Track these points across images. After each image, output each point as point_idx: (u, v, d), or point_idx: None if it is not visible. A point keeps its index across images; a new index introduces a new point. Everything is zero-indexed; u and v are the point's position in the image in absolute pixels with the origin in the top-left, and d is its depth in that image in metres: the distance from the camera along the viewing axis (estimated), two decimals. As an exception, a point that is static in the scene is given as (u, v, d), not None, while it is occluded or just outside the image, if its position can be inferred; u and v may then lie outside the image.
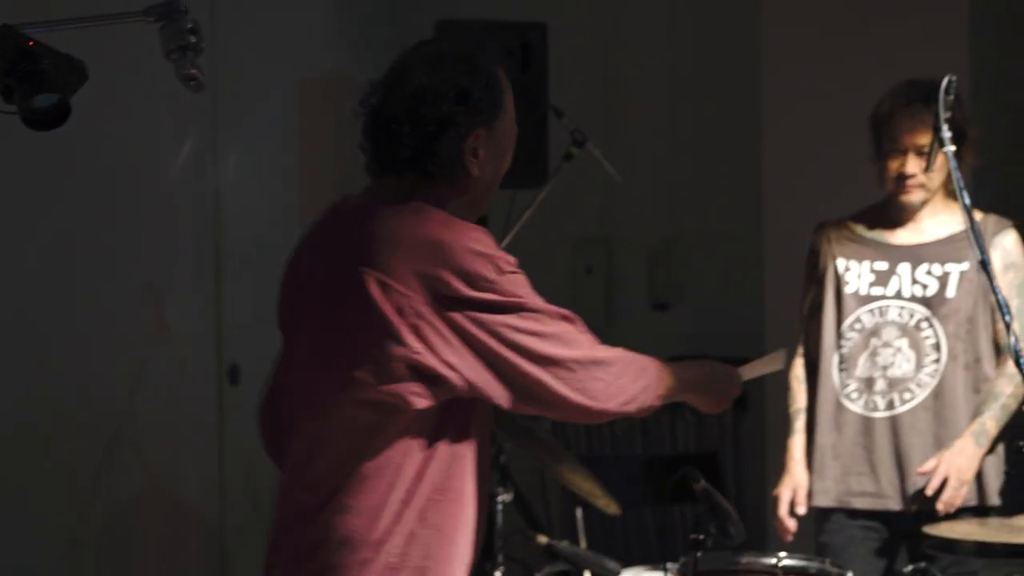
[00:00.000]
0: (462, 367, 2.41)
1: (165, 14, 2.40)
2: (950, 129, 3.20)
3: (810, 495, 3.90)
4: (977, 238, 3.11)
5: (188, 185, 5.27)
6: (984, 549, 3.25)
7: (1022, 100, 5.20)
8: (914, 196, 3.81)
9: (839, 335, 3.88)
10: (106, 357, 4.98)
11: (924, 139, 3.69)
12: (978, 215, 3.77)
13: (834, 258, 3.93)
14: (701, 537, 3.10)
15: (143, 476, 5.15)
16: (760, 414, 5.38)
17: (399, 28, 5.98)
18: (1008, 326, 2.96)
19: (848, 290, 3.88)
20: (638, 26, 5.75)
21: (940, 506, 3.67)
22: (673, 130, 5.72)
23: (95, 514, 5.00)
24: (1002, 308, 3.05)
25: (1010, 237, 3.82)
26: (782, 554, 3.25)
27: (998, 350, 3.79)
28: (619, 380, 2.59)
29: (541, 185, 4.95)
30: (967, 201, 3.14)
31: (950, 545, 3.37)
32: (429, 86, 2.45)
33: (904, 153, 3.79)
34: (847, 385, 3.85)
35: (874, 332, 3.84)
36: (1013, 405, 3.72)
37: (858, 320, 3.86)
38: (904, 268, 3.84)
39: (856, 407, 3.85)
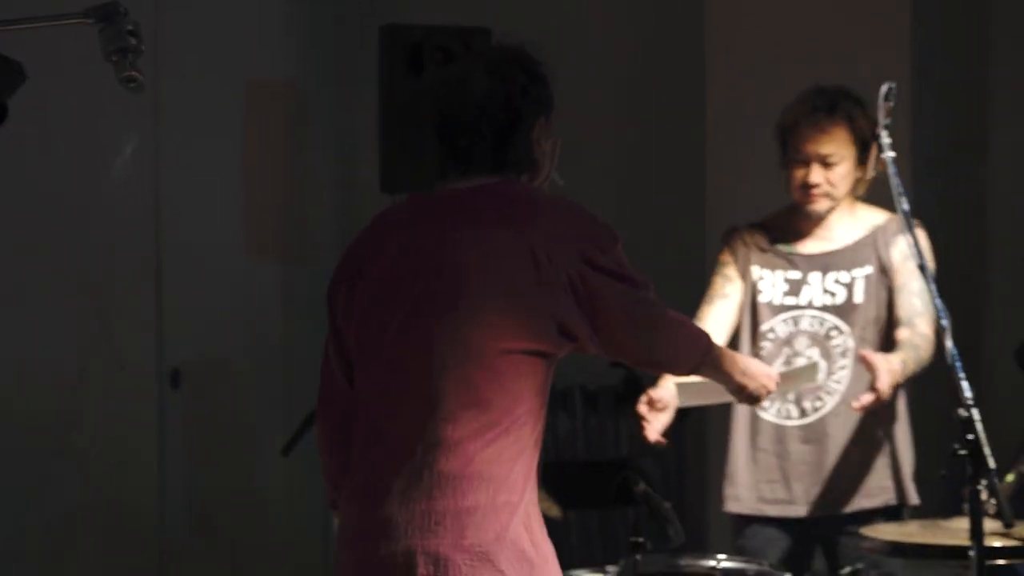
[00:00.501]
0: (586, 324, 2.61)
1: (105, 16, 2.38)
2: (871, 136, 3.23)
3: (723, 500, 3.95)
4: (917, 246, 3.14)
5: (130, 186, 5.24)
6: (904, 550, 3.27)
7: (963, 105, 5.25)
8: (819, 205, 3.84)
9: (753, 343, 3.89)
10: (45, 360, 4.94)
11: (827, 148, 3.77)
12: (884, 215, 3.84)
13: (749, 264, 3.94)
14: (640, 540, 3.11)
15: (82, 480, 5.12)
16: (702, 417, 5.40)
17: (345, 31, 5.97)
18: (944, 329, 2.99)
19: (762, 299, 3.91)
20: (580, 31, 5.76)
21: (868, 397, 3.58)
22: (615, 134, 5.73)
23: (32, 522, 4.96)
24: (939, 312, 3.10)
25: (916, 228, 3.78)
26: (721, 556, 3.27)
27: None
28: (680, 342, 2.82)
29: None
30: (906, 207, 3.17)
31: (872, 546, 3.38)
32: (497, 88, 2.65)
33: (807, 163, 3.82)
34: None
35: (787, 342, 3.87)
36: (924, 353, 3.72)
37: (772, 329, 3.89)
38: (815, 277, 3.88)
39: (769, 415, 3.88)
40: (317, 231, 5.92)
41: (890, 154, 3.26)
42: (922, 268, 3.13)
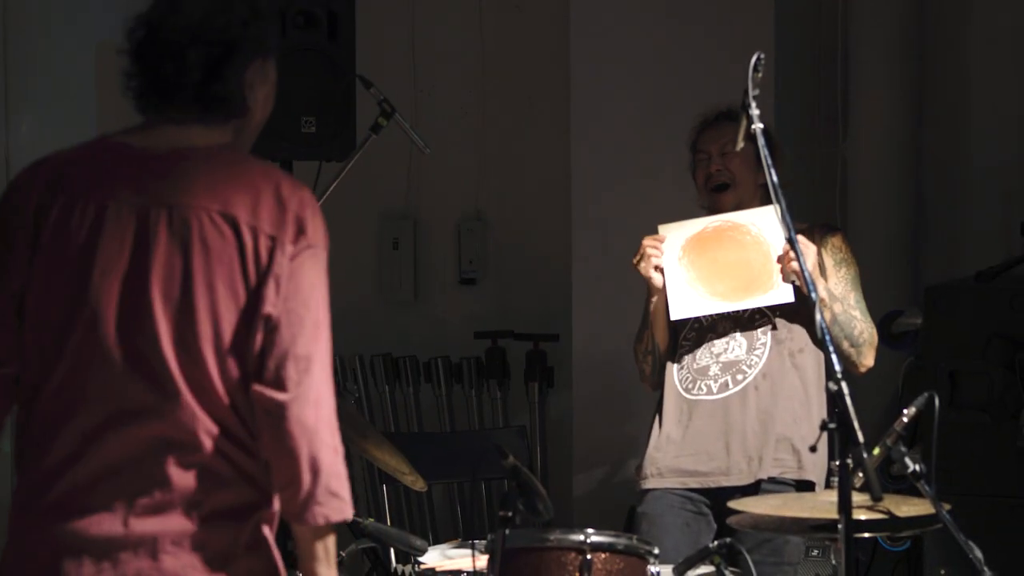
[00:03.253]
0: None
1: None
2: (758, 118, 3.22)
3: (641, 479, 4.07)
4: (784, 214, 3.13)
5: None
6: (783, 524, 3.27)
7: (826, 86, 5.28)
8: (724, 196, 4.06)
9: (684, 324, 4.08)
10: None
11: (722, 140, 4.06)
12: (802, 225, 4.00)
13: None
14: (509, 514, 3.07)
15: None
16: (568, 390, 5.38)
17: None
18: (814, 303, 2.98)
19: None
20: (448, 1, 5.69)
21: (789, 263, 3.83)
22: (481, 104, 5.67)
23: None
24: (808, 285, 3.10)
25: (837, 236, 4.09)
26: (590, 530, 3.24)
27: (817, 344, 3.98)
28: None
29: (347, 157, 4.88)
30: (775, 179, 3.14)
31: (740, 520, 3.39)
32: (212, 10, 2.38)
33: (709, 157, 4.11)
34: (685, 375, 4.06)
35: (711, 327, 4.07)
36: (855, 324, 3.96)
37: (697, 320, 4.08)
38: None
39: (691, 394, 4.05)
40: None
41: (758, 125, 3.23)
42: (791, 240, 3.11)
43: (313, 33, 4.86)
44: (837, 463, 3.28)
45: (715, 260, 3.99)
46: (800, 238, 3.77)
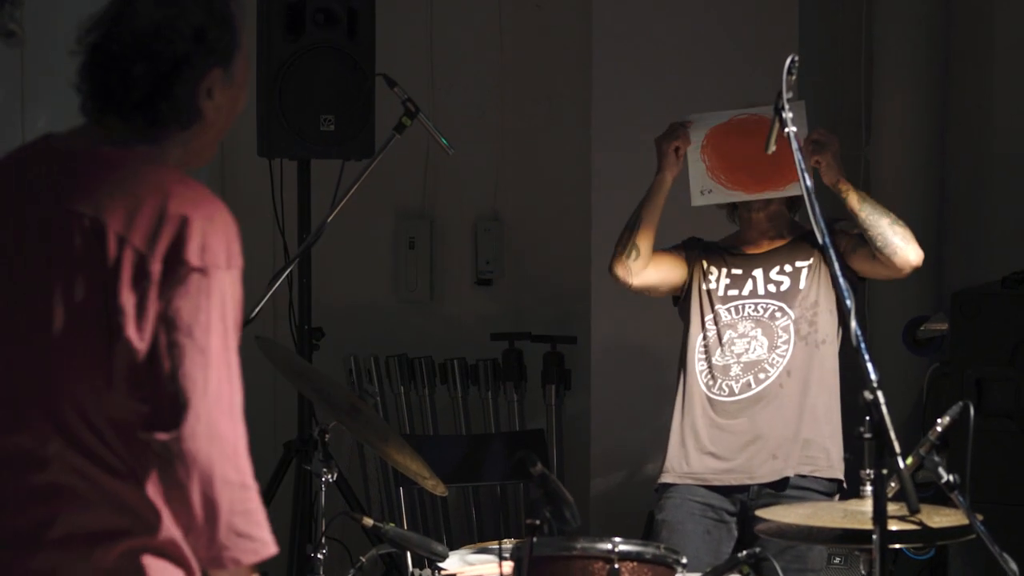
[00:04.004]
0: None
1: (-21, -37, 2.20)
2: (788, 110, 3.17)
3: (662, 473, 4.10)
4: (817, 219, 3.08)
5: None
6: (811, 534, 3.22)
7: (849, 88, 5.24)
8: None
9: (703, 325, 4.09)
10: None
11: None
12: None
13: (699, 257, 4.19)
14: (537, 522, 3.01)
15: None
16: (585, 393, 5.33)
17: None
18: (849, 310, 2.93)
19: (708, 286, 4.13)
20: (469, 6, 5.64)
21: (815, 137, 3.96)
22: (499, 103, 5.62)
23: None
24: (842, 291, 3.06)
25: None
26: (617, 539, 3.19)
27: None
28: None
29: (367, 156, 4.83)
30: (808, 184, 3.09)
31: (769, 529, 3.35)
32: (163, 22, 2.23)
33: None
34: (705, 372, 4.06)
35: (731, 325, 4.07)
36: (887, 221, 3.98)
37: (716, 315, 4.08)
38: (758, 272, 4.12)
39: (712, 392, 4.05)
40: (190, 197, 5.73)
41: (792, 129, 3.18)
42: (824, 247, 3.06)
43: (333, 31, 4.83)
44: (868, 471, 3.25)
45: (737, 150, 4.03)
46: (822, 131, 3.99)
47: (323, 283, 5.05)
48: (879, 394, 2.84)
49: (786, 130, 3.17)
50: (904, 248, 3.97)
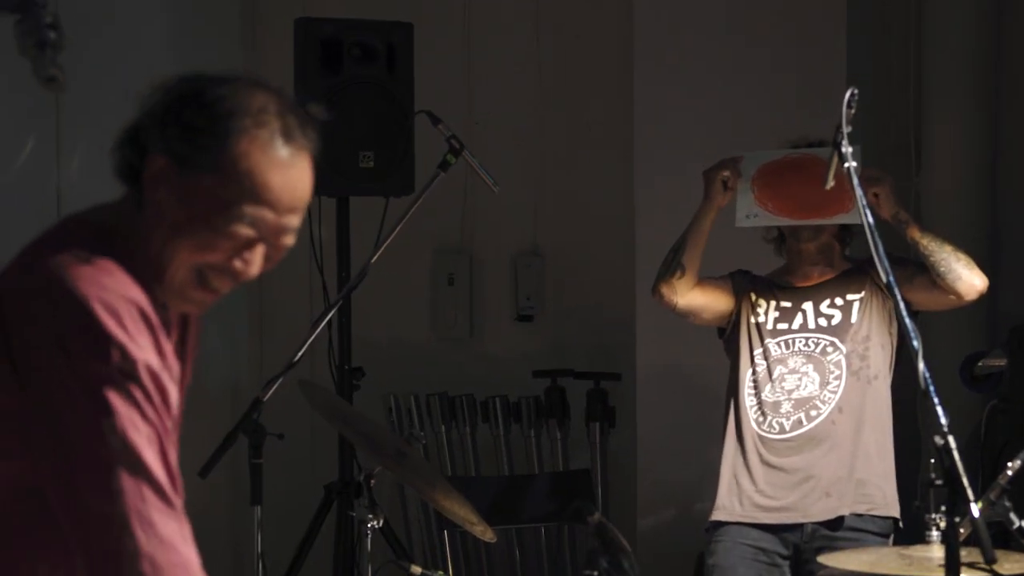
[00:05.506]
0: None
1: (21, 6, 2.13)
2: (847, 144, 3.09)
3: (713, 511, 4.03)
4: (880, 257, 2.98)
5: (28, 186, 4.95)
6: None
7: (898, 117, 5.14)
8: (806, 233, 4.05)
9: (751, 360, 4.02)
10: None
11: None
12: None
13: (748, 290, 4.11)
14: (595, 573, 2.91)
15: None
16: (630, 430, 5.23)
17: (255, 26, 5.72)
18: (916, 351, 2.83)
19: (757, 320, 4.06)
20: (505, 30, 5.56)
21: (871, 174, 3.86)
22: (538, 135, 5.54)
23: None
24: (910, 333, 2.95)
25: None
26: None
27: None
28: None
29: (407, 192, 4.75)
30: (870, 220, 3.00)
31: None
32: (156, 87, 2.03)
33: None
34: (756, 408, 3.99)
35: (781, 360, 3.99)
36: (949, 248, 3.91)
37: (766, 349, 4.02)
38: (808, 305, 4.04)
39: (762, 429, 3.98)
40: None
41: (852, 164, 3.09)
42: (890, 285, 2.96)
43: (371, 66, 4.76)
44: (935, 516, 3.15)
45: (787, 182, 3.97)
46: (874, 169, 3.91)
47: (362, 321, 4.97)
48: (950, 439, 2.75)
49: (846, 165, 3.08)
50: (968, 274, 3.89)
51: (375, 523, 3.66)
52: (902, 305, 2.95)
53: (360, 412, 3.90)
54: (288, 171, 1.98)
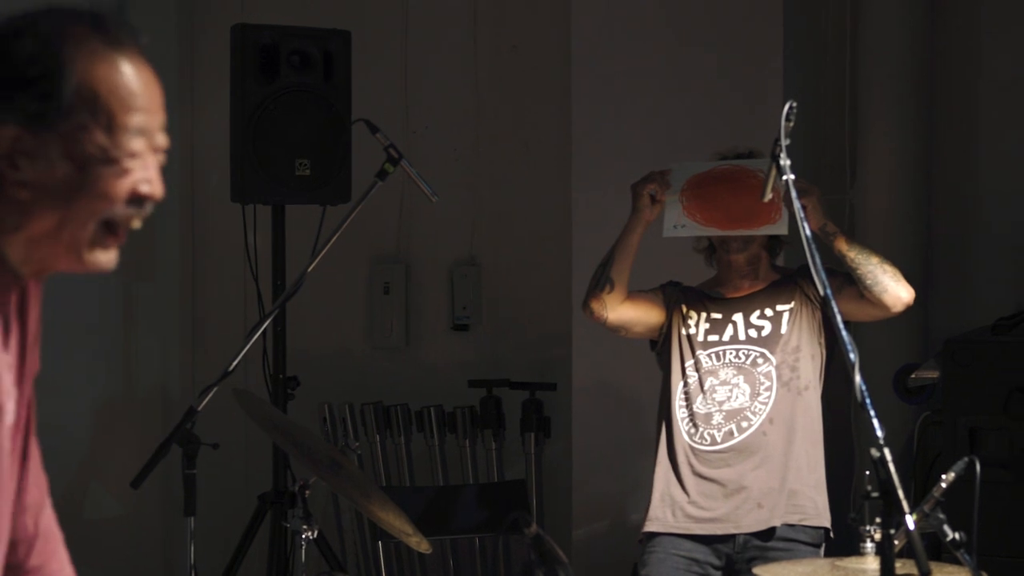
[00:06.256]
0: None
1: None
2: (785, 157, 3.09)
3: (646, 522, 4.02)
4: (817, 269, 2.99)
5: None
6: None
7: (832, 132, 5.17)
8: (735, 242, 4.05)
9: (683, 372, 4.02)
10: None
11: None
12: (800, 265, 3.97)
13: (679, 301, 4.11)
14: (532, 586, 2.91)
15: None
16: (565, 441, 5.23)
17: (190, 33, 5.68)
18: (853, 364, 2.83)
19: (688, 332, 4.05)
20: (443, 39, 5.55)
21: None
22: (475, 145, 5.53)
23: None
24: (847, 345, 2.95)
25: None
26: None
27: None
28: None
29: (344, 201, 4.73)
30: (807, 232, 3.00)
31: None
32: None
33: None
34: (685, 419, 3.99)
35: (712, 372, 3.99)
36: (876, 260, 3.91)
37: (697, 361, 4.01)
38: (738, 316, 4.04)
39: (694, 441, 3.97)
40: (162, 244, 5.61)
41: (789, 176, 3.09)
42: (826, 299, 2.97)
43: (308, 74, 4.73)
44: (869, 528, 3.17)
45: (715, 193, 3.97)
46: (801, 180, 3.76)
47: (297, 330, 4.94)
48: (886, 451, 2.75)
49: (784, 177, 3.09)
50: (895, 286, 3.90)
51: (309, 534, 3.63)
52: (839, 317, 2.95)
53: (295, 422, 3.87)
54: (139, 73, 1.83)
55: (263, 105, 4.69)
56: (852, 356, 2.87)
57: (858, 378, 2.84)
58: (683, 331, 4.05)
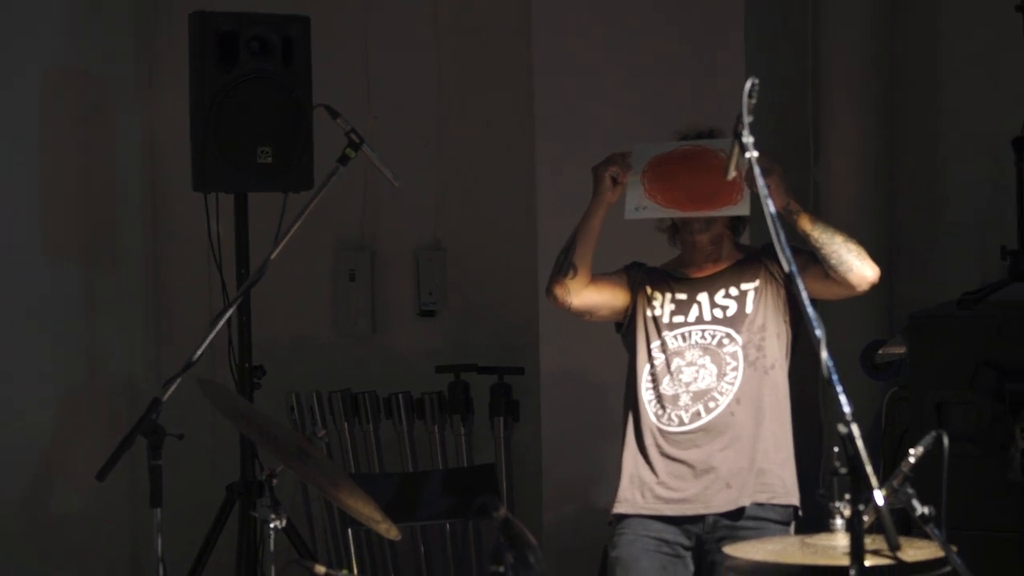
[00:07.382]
0: None
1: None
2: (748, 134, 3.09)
3: (615, 504, 4.00)
4: (783, 246, 2.99)
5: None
6: (786, 571, 3.13)
7: (796, 111, 5.17)
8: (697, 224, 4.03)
9: (649, 353, 4.00)
10: None
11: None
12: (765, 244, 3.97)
13: (644, 283, 4.08)
14: (501, 570, 2.90)
15: None
16: (534, 425, 5.22)
17: (150, 19, 5.64)
18: (819, 340, 2.83)
19: (653, 313, 4.04)
20: (404, 23, 5.52)
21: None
22: (439, 130, 5.51)
23: None
24: (812, 322, 2.95)
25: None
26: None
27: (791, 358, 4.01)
28: None
29: (307, 188, 4.71)
30: (772, 210, 3.00)
31: (737, 566, 3.26)
32: None
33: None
34: (652, 401, 3.97)
35: (678, 353, 3.98)
36: (840, 239, 3.87)
37: (663, 343, 3.99)
38: (703, 296, 4.02)
39: (662, 422, 3.96)
40: (123, 233, 5.57)
41: (753, 154, 3.08)
42: (791, 276, 2.97)
43: (268, 60, 4.71)
44: (838, 504, 3.16)
45: (676, 173, 3.95)
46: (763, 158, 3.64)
47: (262, 319, 4.91)
48: (854, 427, 2.75)
49: (747, 155, 3.08)
50: (860, 265, 3.89)
51: (278, 523, 3.62)
52: (805, 295, 2.95)
53: (261, 411, 3.85)
54: None
55: (223, 92, 4.66)
56: (818, 332, 2.87)
57: (824, 355, 2.85)
58: (648, 312, 4.04)
